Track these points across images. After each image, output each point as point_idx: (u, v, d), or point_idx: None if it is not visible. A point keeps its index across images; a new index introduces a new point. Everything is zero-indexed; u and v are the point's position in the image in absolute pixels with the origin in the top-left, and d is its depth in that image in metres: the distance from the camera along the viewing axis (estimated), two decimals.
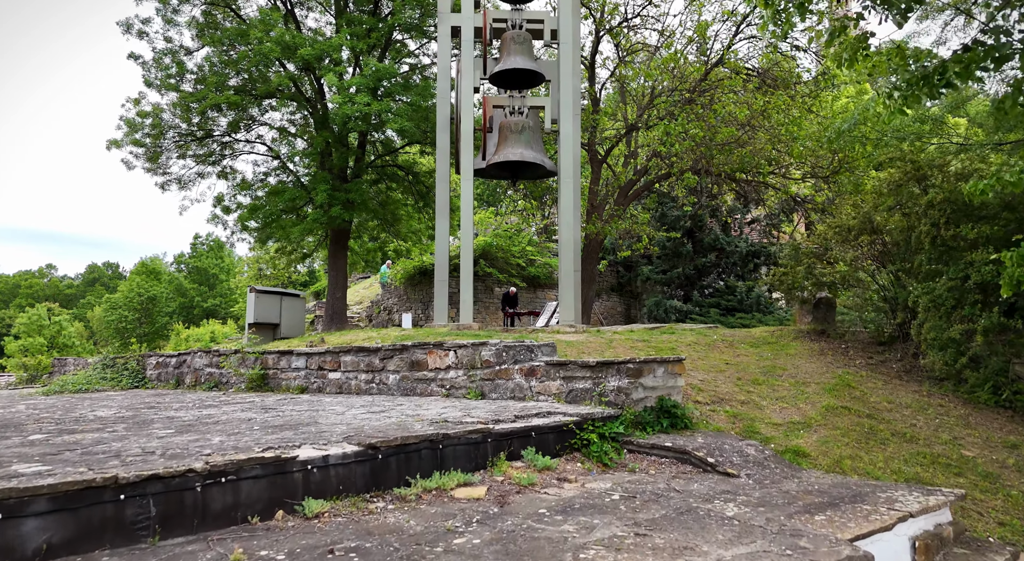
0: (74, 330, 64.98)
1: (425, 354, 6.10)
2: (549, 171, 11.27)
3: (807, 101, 14.51)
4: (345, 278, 16.55)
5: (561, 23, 10.18)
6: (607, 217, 15.37)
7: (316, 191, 14.49)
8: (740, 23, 15.46)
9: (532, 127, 10.18)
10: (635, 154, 16.69)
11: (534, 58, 10.37)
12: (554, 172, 11.42)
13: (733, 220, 22.26)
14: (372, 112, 13.17)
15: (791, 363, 6.71)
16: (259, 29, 13.59)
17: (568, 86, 10.06)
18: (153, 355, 9.85)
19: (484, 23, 10.04)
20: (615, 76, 16.34)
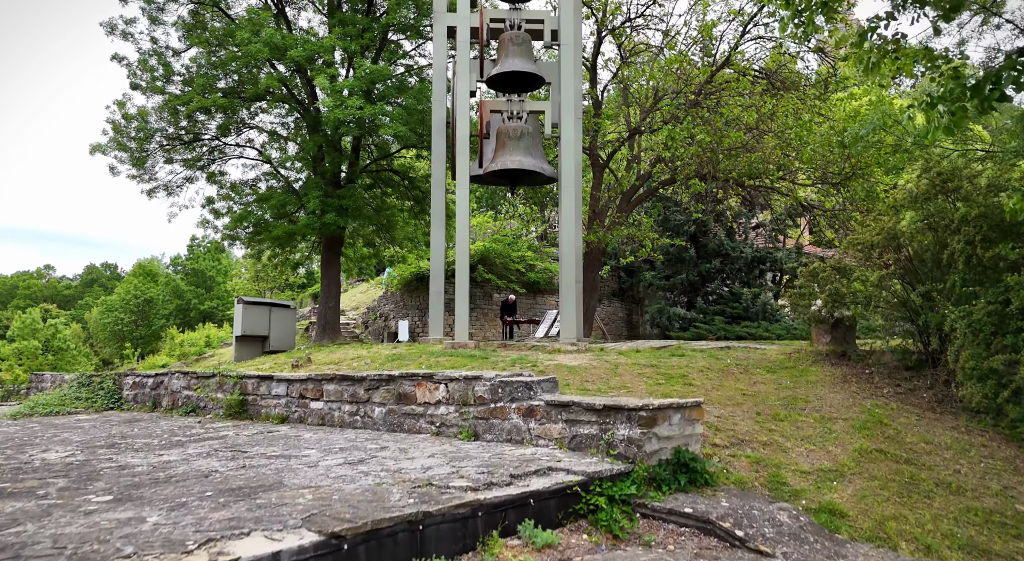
0: (71, 332, 64.41)
1: (413, 386, 5.55)
2: (549, 178, 10.74)
3: (816, 104, 13.98)
4: (339, 286, 16.00)
5: (562, 23, 9.63)
6: (609, 224, 14.83)
7: (308, 197, 13.94)
8: (747, 23, 14.93)
9: (531, 133, 9.63)
10: (638, 158, 16.15)
11: (533, 60, 9.82)
12: (554, 178, 10.90)
13: (738, 225, 21.72)
14: (365, 116, 12.63)
15: (813, 393, 6.16)
16: (247, 29, 13.04)
17: (569, 89, 9.52)
18: (130, 374, 9.31)
19: (481, 23, 9.49)
20: (617, 78, 15.81)
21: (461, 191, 9.36)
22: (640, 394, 5.84)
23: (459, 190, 9.37)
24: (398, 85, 13.92)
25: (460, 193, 9.35)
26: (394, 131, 12.78)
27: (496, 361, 7.55)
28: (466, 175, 9.43)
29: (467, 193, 9.38)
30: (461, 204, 9.31)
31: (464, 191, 9.34)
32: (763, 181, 13.70)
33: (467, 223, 9.36)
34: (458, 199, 9.33)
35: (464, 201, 9.34)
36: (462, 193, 9.34)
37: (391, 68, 14.40)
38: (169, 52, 14.58)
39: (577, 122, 9.88)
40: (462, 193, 9.34)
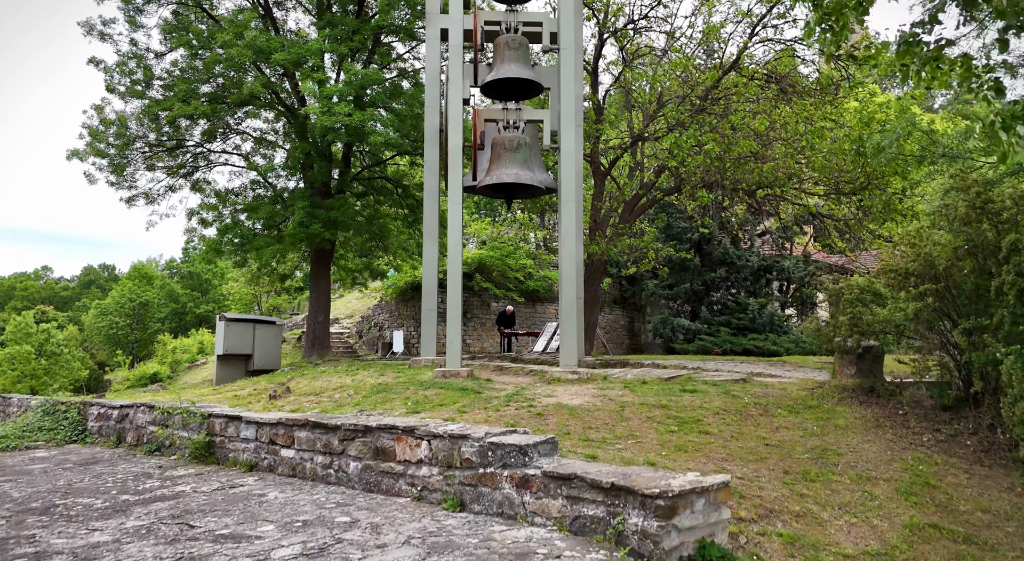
0: (67, 334, 63.65)
1: (393, 441, 4.87)
2: (549, 189, 10.10)
3: (827, 109, 13.31)
4: (328, 299, 15.33)
5: (562, 25, 8.96)
6: (611, 234, 14.16)
7: (293, 207, 13.27)
8: (755, 25, 14.27)
9: (529, 144, 8.96)
10: (641, 165, 15.48)
11: (531, 65, 9.15)
12: (554, 189, 10.26)
13: (744, 233, 21.03)
14: (354, 122, 11.95)
15: (845, 442, 5.48)
16: (229, 32, 12.37)
17: (570, 96, 8.84)
18: (96, 404, 8.63)
19: (475, 26, 8.82)
20: (620, 82, 15.14)
21: (453, 208, 8.67)
22: (651, 447, 5.16)
23: (451, 206, 8.69)
24: (390, 90, 13.24)
25: (452, 210, 8.67)
26: (385, 138, 12.10)
27: (489, 397, 6.88)
28: (458, 189, 8.75)
29: (459, 209, 8.69)
30: (453, 222, 8.62)
31: (456, 207, 8.66)
32: (773, 191, 13.03)
33: (459, 242, 8.67)
34: (450, 216, 8.65)
35: (457, 218, 8.65)
36: (454, 210, 8.65)
37: (383, 72, 13.73)
38: (150, 55, 13.91)
39: (578, 131, 9.21)
40: (454, 210, 8.65)
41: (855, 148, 12.08)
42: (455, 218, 8.66)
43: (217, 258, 14.22)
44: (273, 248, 13.51)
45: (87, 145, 13.29)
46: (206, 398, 9.33)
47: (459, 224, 8.68)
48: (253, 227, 13.73)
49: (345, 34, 12.90)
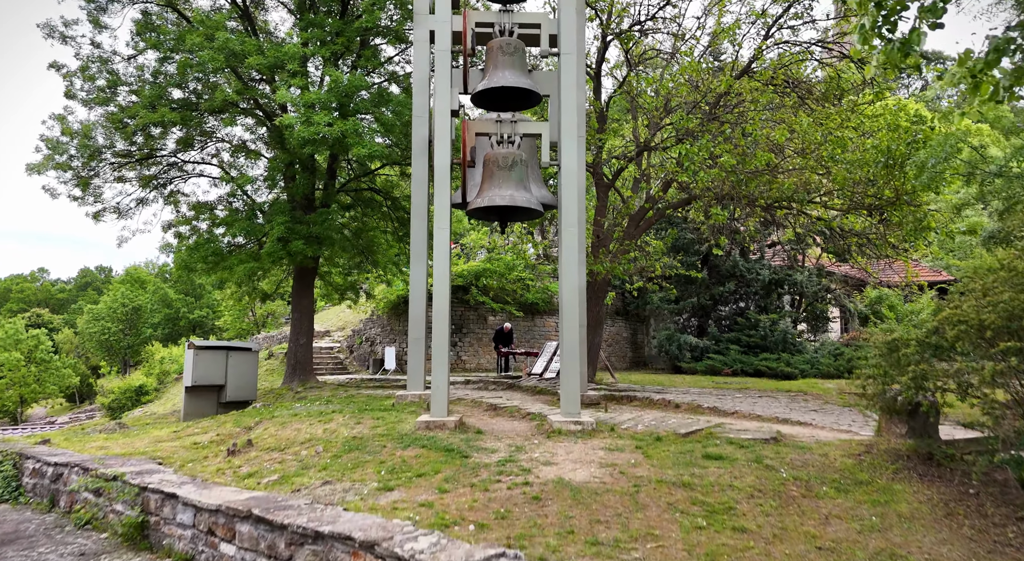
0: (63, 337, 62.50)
1: (348, 555, 3.82)
2: (548, 207, 9.07)
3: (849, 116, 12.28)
4: (311, 321, 14.28)
5: (563, 27, 7.91)
6: (615, 251, 13.11)
7: (272, 223, 12.23)
8: (771, 26, 13.24)
9: (525, 160, 7.91)
10: (648, 176, 14.44)
11: (528, 71, 8.10)
12: (554, 205, 9.25)
13: (754, 244, 19.98)
14: (336, 133, 10.92)
15: (915, 541, 4.43)
16: (199, 33, 11.33)
17: (571, 106, 7.81)
18: (32, 457, 7.58)
19: (464, 28, 7.77)
20: (624, 87, 14.11)
21: (439, 233, 7.61)
22: (677, 554, 4.11)
23: (436, 232, 7.63)
24: (378, 96, 12.19)
25: (438, 236, 7.60)
26: (371, 150, 11.05)
27: (477, 466, 5.82)
28: (446, 213, 7.69)
29: (447, 235, 7.63)
30: (439, 251, 7.55)
31: (443, 234, 7.59)
32: (791, 206, 11.98)
33: (447, 269, 7.60)
34: (435, 242, 7.58)
35: (443, 245, 7.59)
36: (440, 236, 7.59)
37: (368, 78, 12.67)
38: (117, 58, 12.87)
39: (581, 145, 8.17)
40: (440, 236, 7.59)
41: (883, 160, 11.04)
42: (441, 247, 7.60)
43: (190, 275, 13.15)
44: (248, 266, 12.46)
45: (45, 158, 12.24)
46: (162, 445, 8.28)
47: (446, 252, 7.62)
48: (230, 243, 12.67)
49: (328, 36, 11.87)
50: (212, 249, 12.49)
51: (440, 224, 7.76)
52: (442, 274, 7.61)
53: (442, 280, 7.56)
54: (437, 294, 7.53)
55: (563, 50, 8.12)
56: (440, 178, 7.82)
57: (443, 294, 7.52)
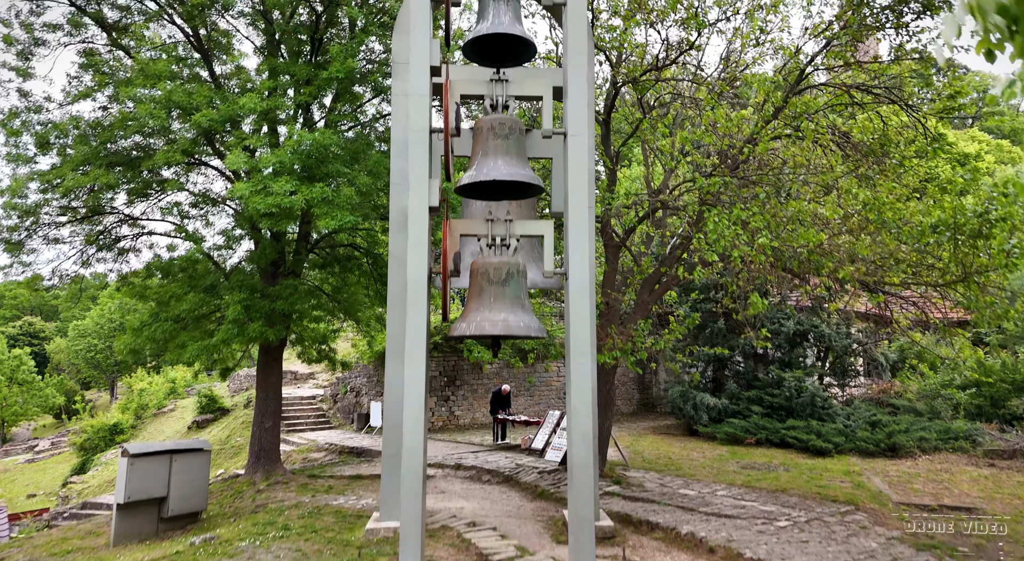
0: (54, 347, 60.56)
1: None
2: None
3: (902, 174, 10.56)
4: (279, 400, 12.50)
5: (570, 100, 6.15)
6: (626, 324, 11.37)
7: (227, 300, 10.48)
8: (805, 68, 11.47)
9: (522, 271, 6.15)
10: (664, 236, 12.69)
11: (525, 159, 6.35)
12: (559, 288, 7.54)
13: (779, 294, 18.17)
14: (298, 203, 9.17)
15: None
16: (137, 82, 9.59)
17: (582, 203, 6.05)
18: None
19: (445, 103, 6.01)
20: (638, 135, 12.38)
21: (412, 380, 5.81)
22: None
23: (409, 379, 5.85)
24: (352, 154, 10.41)
25: (410, 386, 5.81)
26: (340, 222, 9.29)
27: None
28: (422, 347, 5.92)
29: (422, 386, 5.84)
30: (411, 405, 5.76)
31: (417, 383, 5.81)
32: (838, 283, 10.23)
33: (423, 417, 5.82)
34: (406, 394, 5.80)
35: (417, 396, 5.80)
36: (414, 386, 5.80)
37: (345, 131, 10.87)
38: (52, 105, 11.10)
39: (590, 250, 6.43)
40: (414, 386, 5.80)
41: (949, 231, 9.31)
42: (414, 399, 5.83)
43: (134, 359, 11.37)
44: (201, 345, 10.69)
45: None
46: None
47: (421, 403, 5.84)
48: (180, 317, 10.88)
49: (291, 86, 10.14)
50: (160, 329, 10.74)
51: (413, 357, 6.00)
52: (415, 427, 5.84)
53: (415, 430, 5.78)
54: (409, 444, 5.76)
55: (571, 130, 6.37)
56: (414, 297, 6.05)
57: (417, 443, 5.74)
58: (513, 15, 6.69)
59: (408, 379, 6.04)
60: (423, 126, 6.27)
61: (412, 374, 6.03)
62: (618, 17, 9.80)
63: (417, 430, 5.99)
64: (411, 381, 5.99)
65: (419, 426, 5.89)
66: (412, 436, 6.03)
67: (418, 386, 5.94)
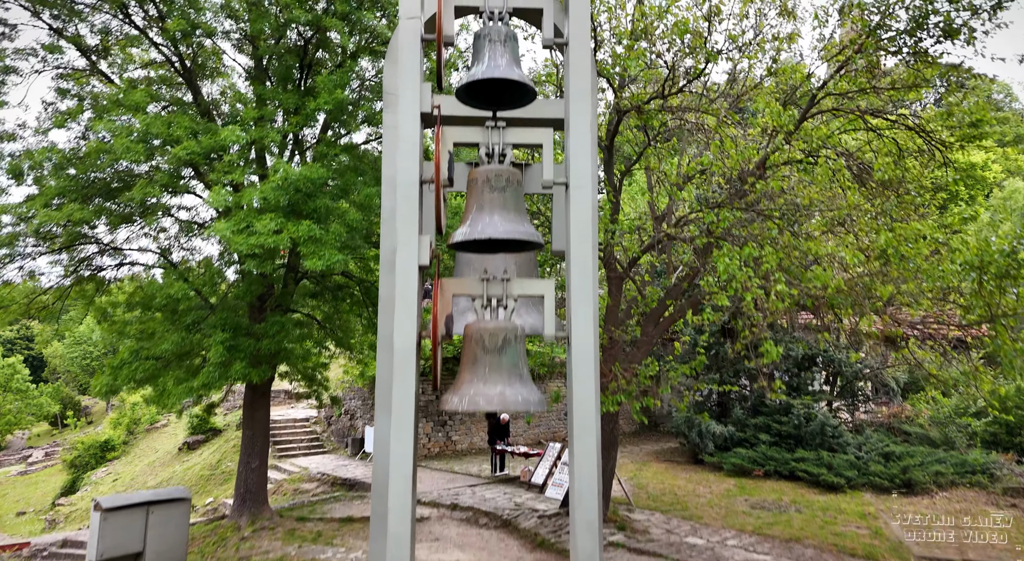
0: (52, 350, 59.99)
1: None
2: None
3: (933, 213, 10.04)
4: (266, 439, 11.95)
5: (573, 153, 5.61)
6: (633, 369, 10.83)
7: (209, 339, 9.94)
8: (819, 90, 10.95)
9: (522, 337, 5.60)
10: (669, 267, 12.15)
11: (524, 212, 5.81)
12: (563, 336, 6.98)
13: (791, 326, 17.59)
14: (283, 242, 8.63)
15: None
16: (114, 112, 9.06)
17: (587, 279, 5.50)
18: None
19: (436, 155, 5.46)
20: (642, 162, 11.86)
21: (397, 477, 5.28)
22: None
23: (395, 446, 5.31)
24: (341, 186, 9.86)
25: (396, 485, 5.27)
26: (328, 262, 8.74)
27: None
28: (409, 418, 5.37)
29: (409, 486, 5.30)
30: (395, 513, 5.22)
31: (403, 483, 5.27)
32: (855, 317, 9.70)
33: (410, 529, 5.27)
34: (390, 498, 5.26)
35: (402, 500, 5.26)
36: (399, 486, 5.26)
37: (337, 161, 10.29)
38: (27, 132, 10.58)
39: (594, 318, 5.89)
40: (399, 486, 5.26)
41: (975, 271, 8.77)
42: (400, 480, 5.27)
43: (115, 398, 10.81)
44: (185, 386, 10.14)
45: None
46: None
47: (408, 485, 5.29)
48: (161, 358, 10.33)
49: (277, 114, 9.60)
50: (140, 368, 10.19)
51: (401, 435, 5.44)
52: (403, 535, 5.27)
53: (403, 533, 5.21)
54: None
55: (573, 182, 5.79)
56: (402, 366, 5.49)
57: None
58: (511, 57, 6.03)
59: (395, 457, 5.46)
60: (412, 179, 5.70)
61: (399, 452, 5.45)
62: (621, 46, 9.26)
63: (403, 520, 5.42)
64: (398, 460, 5.41)
65: (405, 514, 5.32)
66: (397, 525, 5.46)
67: (405, 467, 5.37)
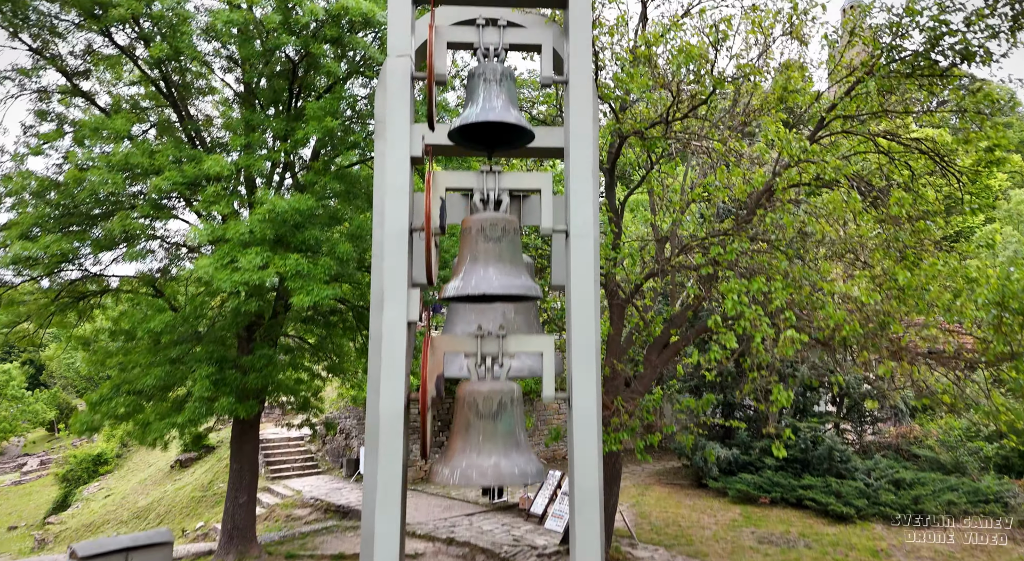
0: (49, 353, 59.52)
1: None
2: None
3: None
4: (255, 474, 11.52)
5: (574, 201, 5.21)
6: (636, 403, 10.42)
7: (193, 374, 9.53)
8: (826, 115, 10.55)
9: (519, 400, 5.18)
10: (673, 293, 11.76)
11: (522, 263, 5.40)
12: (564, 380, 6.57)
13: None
14: (269, 278, 8.21)
15: None
16: (95, 139, 8.66)
17: (590, 356, 5.10)
18: None
19: (427, 204, 5.05)
20: (645, 185, 11.47)
21: (384, 542, 4.86)
22: None
23: (380, 524, 4.89)
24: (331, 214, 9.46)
25: (383, 543, 4.86)
26: (315, 298, 8.33)
27: None
28: (396, 496, 4.95)
29: (396, 544, 4.89)
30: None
31: (391, 543, 4.86)
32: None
33: None
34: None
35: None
36: (386, 546, 4.85)
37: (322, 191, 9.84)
38: (4, 158, 10.17)
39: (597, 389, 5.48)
40: (386, 546, 4.85)
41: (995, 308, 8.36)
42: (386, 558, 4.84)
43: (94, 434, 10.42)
44: (168, 422, 9.72)
45: None
46: None
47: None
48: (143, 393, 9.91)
49: (262, 141, 9.20)
50: (121, 403, 9.77)
51: (387, 509, 5.01)
52: None
53: None
54: None
55: (575, 230, 5.37)
56: (388, 433, 5.06)
57: None
58: (507, 98, 5.57)
59: (379, 536, 5.05)
60: (401, 229, 5.27)
61: (383, 532, 5.03)
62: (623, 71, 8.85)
63: None
64: (384, 541, 4.99)
65: None
66: None
67: (391, 547, 4.95)
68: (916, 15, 9.12)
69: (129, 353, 10.53)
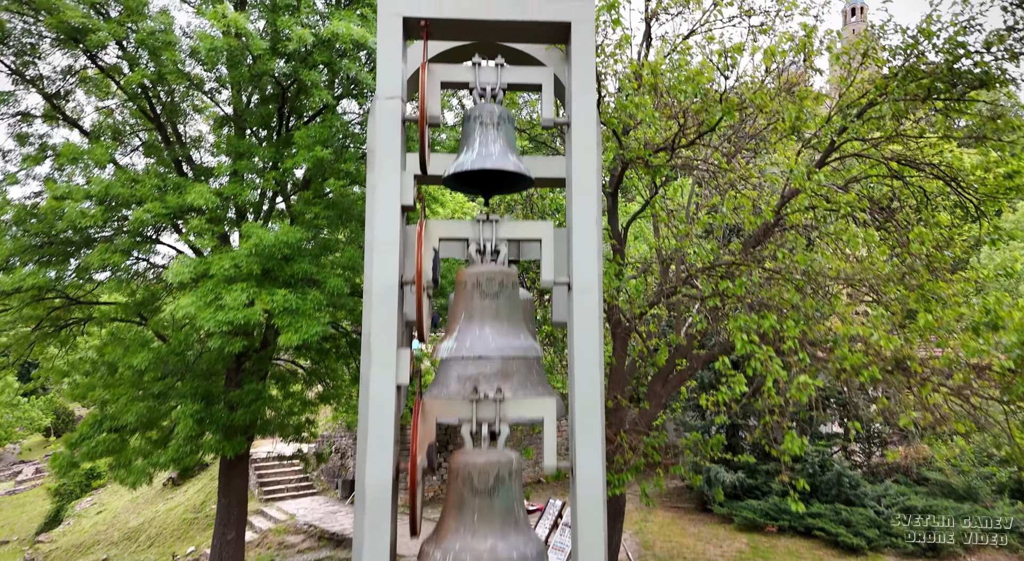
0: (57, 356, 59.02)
1: None
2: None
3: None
4: (244, 509, 11.09)
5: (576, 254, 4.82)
6: (640, 438, 10.01)
7: (177, 412, 9.11)
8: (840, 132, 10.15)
9: (517, 472, 4.77)
10: (678, 323, 11.36)
11: (521, 320, 5.01)
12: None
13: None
14: (256, 316, 7.80)
15: None
16: (75, 167, 8.25)
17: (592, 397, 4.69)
18: None
19: (418, 259, 4.66)
20: (649, 210, 11.08)
21: None
22: None
23: None
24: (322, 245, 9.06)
25: None
26: (303, 335, 7.91)
27: None
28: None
29: None
30: None
31: None
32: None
33: None
34: None
35: None
36: None
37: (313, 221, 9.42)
38: None
39: (601, 457, 5.08)
40: None
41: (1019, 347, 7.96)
42: None
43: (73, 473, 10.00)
44: (146, 462, 9.32)
45: None
46: None
47: None
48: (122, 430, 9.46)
49: (254, 167, 8.81)
50: (102, 442, 9.33)
51: None
52: None
53: None
54: None
55: (577, 285, 4.97)
56: (375, 508, 4.65)
57: None
58: (504, 143, 5.17)
59: None
60: (391, 283, 4.88)
61: None
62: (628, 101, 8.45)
63: None
64: None
65: None
66: None
67: None
68: (931, 37, 8.74)
69: (111, 386, 10.10)
